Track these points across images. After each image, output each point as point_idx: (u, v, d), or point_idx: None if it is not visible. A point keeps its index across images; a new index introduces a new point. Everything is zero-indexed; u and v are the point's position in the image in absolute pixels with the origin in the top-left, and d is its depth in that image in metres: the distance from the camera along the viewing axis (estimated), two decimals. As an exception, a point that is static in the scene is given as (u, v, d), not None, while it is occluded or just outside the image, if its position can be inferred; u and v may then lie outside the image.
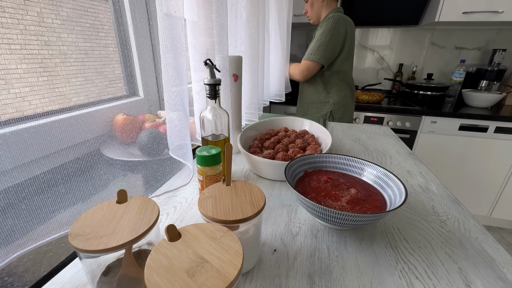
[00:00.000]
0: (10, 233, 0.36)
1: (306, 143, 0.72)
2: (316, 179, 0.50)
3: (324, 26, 1.22)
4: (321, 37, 1.21)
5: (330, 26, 1.19)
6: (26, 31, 0.46)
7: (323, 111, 1.37)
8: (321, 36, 1.21)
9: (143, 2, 0.68)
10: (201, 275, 0.22)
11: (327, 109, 1.35)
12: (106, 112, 0.57)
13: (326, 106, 1.35)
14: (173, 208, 0.50)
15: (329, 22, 1.20)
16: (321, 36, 1.21)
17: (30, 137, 0.43)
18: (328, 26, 1.20)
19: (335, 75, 1.31)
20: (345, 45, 1.25)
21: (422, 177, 0.65)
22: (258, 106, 1.04)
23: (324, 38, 1.20)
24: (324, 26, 1.22)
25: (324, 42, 1.20)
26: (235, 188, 0.37)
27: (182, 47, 0.51)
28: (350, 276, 0.36)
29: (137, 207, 0.32)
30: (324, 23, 1.23)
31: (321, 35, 1.21)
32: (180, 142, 0.56)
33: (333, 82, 1.32)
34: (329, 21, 1.20)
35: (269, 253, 0.40)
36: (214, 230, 0.27)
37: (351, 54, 1.32)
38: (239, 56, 0.69)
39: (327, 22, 1.21)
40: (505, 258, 0.39)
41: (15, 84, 0.45)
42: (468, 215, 0.50)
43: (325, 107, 1.36)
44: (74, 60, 0.55)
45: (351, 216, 0.36)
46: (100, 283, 0.30)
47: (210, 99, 0.53)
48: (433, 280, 0.35)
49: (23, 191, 0.38)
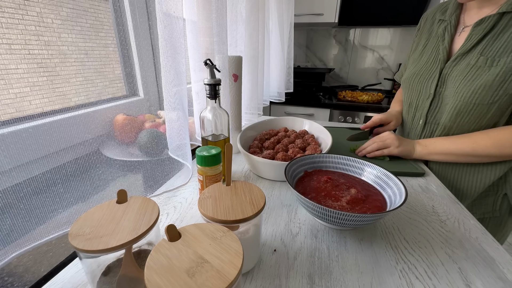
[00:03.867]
0: (9, 233, 0.36)
1: (306, 143, 0.72)
2: (316, 179, 0.50)
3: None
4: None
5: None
6: (26, 31, 0.46)
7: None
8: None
9: (143, 2, 0.68)
10: (201, 275, 0.22)
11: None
12: (106, 112, 0.57)
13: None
14: (173, 208, 0.50)
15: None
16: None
17: (29, 137, 0.43)
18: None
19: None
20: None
21: (422, 177, 0.65)
22: (258, 106, 1.04)
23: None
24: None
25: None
26: (235, 188, 0.37)
27: (182, 47, 0.51)
28: (350, 276, 0.36)
29: (137, 207, 0.32)
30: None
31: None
32: (180, 142, 0.56)
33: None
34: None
35: (269, 253, 0.40)
36: (214, 230, 0.27)
37: None
38: (239, 56, 0.69)
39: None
40: (505, 258, 0.39)
41: (15, 84, 0.45)
42: (468, 215, 0.50)
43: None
44: (74, 60, 0.55)
45: (351, 216, 0.36)
46: (100, 283, 0.30)
47: (210, 99, 0.53)
48: (433, 280, 0.35)
49: (21, 191, 0.38)
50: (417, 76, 0.75)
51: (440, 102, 0.69)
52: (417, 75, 0.75)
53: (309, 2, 1.77)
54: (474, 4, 0.65)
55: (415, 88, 0.76)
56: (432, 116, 0.72)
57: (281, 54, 1.31)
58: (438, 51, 0.70)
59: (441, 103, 0.69)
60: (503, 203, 0.70)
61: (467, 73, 0.62)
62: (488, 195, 0.70)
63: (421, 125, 0.75)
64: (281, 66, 1.34)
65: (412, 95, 0.78)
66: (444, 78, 0.68)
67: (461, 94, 0.62)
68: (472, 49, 0.62)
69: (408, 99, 0.80)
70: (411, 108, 0.79)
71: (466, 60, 0.63)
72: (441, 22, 0.73)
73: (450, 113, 0.66)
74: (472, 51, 0.62)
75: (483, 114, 0.62)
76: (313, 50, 2.22)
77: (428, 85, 0.71)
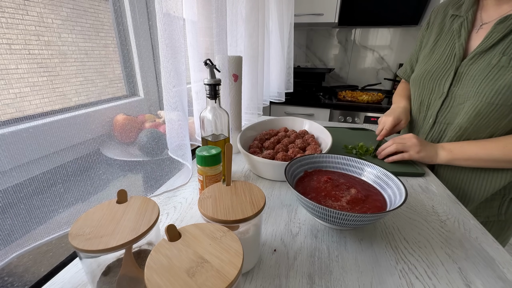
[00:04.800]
0: (9, 233, 0.36)
1: (306, 143, 0.72)
2: (316, 179, 0.50)
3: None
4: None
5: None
6: (26, 31, 0.46)
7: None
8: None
9: (143, 2, 0.68)
10: (201, 275, 0.22)
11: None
12: (106, 112, 0.57)
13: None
14: (173, 208, 0.50)
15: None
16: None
17: (29, 137, 0.43)
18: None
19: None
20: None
21: (422, 177, 0.65)
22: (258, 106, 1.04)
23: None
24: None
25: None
26: (235, 188, 0.37)
27: (181, 47, 0.51)
28: (350, 276, 0.36)
29: (137, 207, 0.32)
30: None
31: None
32: (179, 142, 0.56)
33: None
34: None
35: (269, 253, 0.40)
36: (214, 230, 0.27)
37: None
38: (239, 56, 0.69)
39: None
40: (505, 258, 0.39)
41: (15, 84, 0.45)
42: (468, 215, 0.50)
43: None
44: (74, 60, 0.55)
45: (351, 216, 0.36)
46: (100, 283, 0.30)
47: (210, 99, 0.53)
48: (433, 280, 0.35)
49: (22, 191, 0.38)
50: (428, 73, 0.72)
51: (453, 101, 0.67)
52: (428, 72, 0.72)
53: (309, 2, 1.77)
54: (493, 1, 0.63)
55: (427, 86, 0.73)
56: (443, 116, 0.70)
57: (281, 54, 1.31)
58: (453, 48, 0.67)
59: (453, 102, 0.67)
60: (509, 207, 0.69)
61: (488, 73, 0.59)
62: (494, 199, 0.69)
63: (431, 124, 0.72)
64: (281, 66, 1.34)
65: (423, 93, 0.74)
66: (459, 77, 0.65)
67: (483, 94, 0.59)
68: (492, 48, 0.60)
69: (419, 97, 0.76)
70: (423, 106, 0.76)
71: (485, 59, 0.60)
72: (454, 17, 0.70)
73: (468, 114, 0.63)
74: (492, 49, 0.60)
75: (504, 115, 0.59)
76: (313, 50, 2.22)
77: (441, 83, 0.68)
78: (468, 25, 0.66)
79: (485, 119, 0.61)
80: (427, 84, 0.73)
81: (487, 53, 0.61)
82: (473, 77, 0.62)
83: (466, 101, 0.63)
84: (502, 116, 0.60)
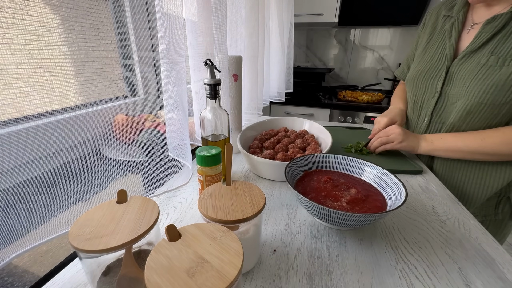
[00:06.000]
0: (9, 233, 0.36)
1: (306, 143, 0.72)
2: (316, 179, 0.50)
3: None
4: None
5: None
6: (26, 31, 0.46)
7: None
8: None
9: (143, 2, 0.68)
10: (201, 275, 0.22)
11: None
12: (106, 112, 0.57)
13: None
14: (173, 208, 0.50)
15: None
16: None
17: (29, 137, 0.43)
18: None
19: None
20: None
21: (422, 177, 0.65)
22: (258, 106, 1.04)
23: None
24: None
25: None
26: (235, 188, 0.37)
27: (181, 47, 0.51)
28: (350, 276, 0.36)
29: (137, 207, 0.32)
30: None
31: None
32: (179, 142, 0.56)
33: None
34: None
35: (269, 253, 0.40)
36: (214, 230, 0.27)
37: None
38: (239, 56, 0.69)
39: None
40: (505, 258, 0.39)
41: (15, 84, 0.45)
42: (468, 215, 0.50)
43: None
44: (74, 60, 0.55)
45: (351, 216, 0.36)
46: (100, 283, 0.30)
47: (210, 99, 0.53)
48: (433, 280, 0.35)
49: (22, 191, 0.38)
50: (421, 73, 0.73)
51: (446, 101, 0.68)
52: (421, 72, 0.73)
53: (309, 2, 1.77)
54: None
55: (420, 86, 0.74)
56: (437, 115, 0.71)
57: (281, 54, 1.31)
58: (444, 48, 0.68)
59: (447, 101, 0.68)
60: (505, 206, 0.69)
61: (477, 72, 0.60)
62: (490, 198, 0.69)
63: (426, 123, 0.73)
64: (281, 66, 1.34)
65: (417, 93, 0.76)
66: (451, 76, 0.66)
67: (472, 93, 0.60)
68: (481, 48, 0.61)
69: (413, 97, 0.78)
70: (416, 106, 0.77)
71: (475, 59, 0.61)
72: (446, 18, 0.71)
73: (460, 113, 0.64)
74: (481, 49, 0.61)
75: (494, 114, 0.60)
76: (313, 50, 2.22)
77: (434, 83, 0.70)
78: (459, 26, 0.67)
79: (476, 118, 0.62)
80: (420, 84, 0.74)
81: (476, 53, 0.61)
82: (464, 77, 0.63)
83: (458, 100, 0.64)
84: (492, 115, 0.60)
